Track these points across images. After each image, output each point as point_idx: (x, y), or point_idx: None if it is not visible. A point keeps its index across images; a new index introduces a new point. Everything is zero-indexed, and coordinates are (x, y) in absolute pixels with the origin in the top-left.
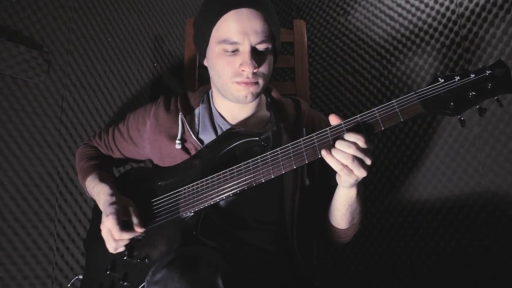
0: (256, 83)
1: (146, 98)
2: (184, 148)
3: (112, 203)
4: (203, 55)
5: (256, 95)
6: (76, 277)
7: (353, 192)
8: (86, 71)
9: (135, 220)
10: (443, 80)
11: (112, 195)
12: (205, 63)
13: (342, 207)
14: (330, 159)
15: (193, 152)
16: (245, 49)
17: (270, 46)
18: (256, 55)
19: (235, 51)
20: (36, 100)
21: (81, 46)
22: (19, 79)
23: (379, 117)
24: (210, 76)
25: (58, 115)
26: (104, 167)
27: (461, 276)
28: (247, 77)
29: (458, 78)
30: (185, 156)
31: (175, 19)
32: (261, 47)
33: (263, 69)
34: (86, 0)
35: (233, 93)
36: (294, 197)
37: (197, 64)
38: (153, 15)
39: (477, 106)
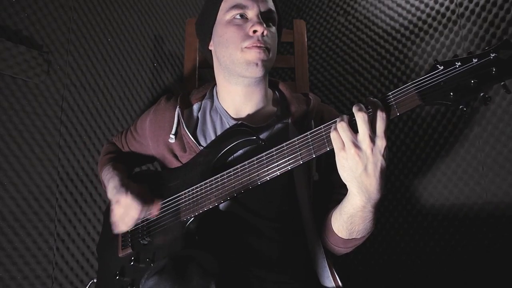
0: (266, 49)
1: (146, 98)
2: (178, 143)
3: (121, 185)
4: (208, 36)
5: (266, 67)
6: (92, 280)
7: (356, 200)
8: (86, 71)
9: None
10: (442, 67)
11: (119, 180)
12: (211, 46)
13: (344, 214)
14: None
15: (187, 147)
16: (254, 13)
17: (276, 17)
18: (264, 23)
19: (244, 17)
20: (36, 100)
21: (81, 46)
22: (19, 79)
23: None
24: (217, 57)
25: (58, 115)
26: (119, 160)
27: (461, 276)
28: (258, 40)
29: (459, 64)
30: (180, 151)
31: (175, 19)
32: (268, 15)
33: (270, 39)
34: (86, 0)
35: (242, 64)
36: (308, 192)
37: (197, 64)
38: (153, 15)
39: (481, 94)
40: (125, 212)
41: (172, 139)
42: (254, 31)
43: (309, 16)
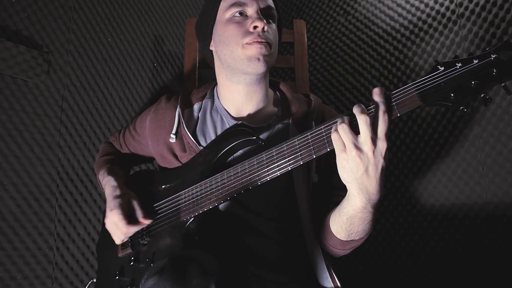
0: (267, 44)
1: (146, 98)
2: (179, 142)
3: (115, 197)
4: (209, 36)
5: (268, 63)
6: (91, 280)
7: (356, 201)
8: (86, 71)
9: (139, 213)
10: (443, 68)
11: (115, 187)
12: (211, 47)
13: (343, 215)
14: (336, 136)
15: (187, 147)
16: (253, 9)
17: (275, 15)
18: (265, 19)
19: (243, 15)
20: (36, 100)
21: (81, 46)
22: (19, 79)
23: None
24: (218, 56)
25: (58, 115)
26: (116, 161)
27: (461, 276)
28: (259, 35)
29: (460, 65)
30: (180, 151)
31: (175, 19)
32: (268, 12)
33: (271, 35)
34: (86, 0)
35: (244, 60)
36: (307, 193)
37: (197, 64)
38: (153, 15)
39: (482, 95)
40: (113, 229)
41: (172, 138)
42: (255, 27)
43: (309, 16)
